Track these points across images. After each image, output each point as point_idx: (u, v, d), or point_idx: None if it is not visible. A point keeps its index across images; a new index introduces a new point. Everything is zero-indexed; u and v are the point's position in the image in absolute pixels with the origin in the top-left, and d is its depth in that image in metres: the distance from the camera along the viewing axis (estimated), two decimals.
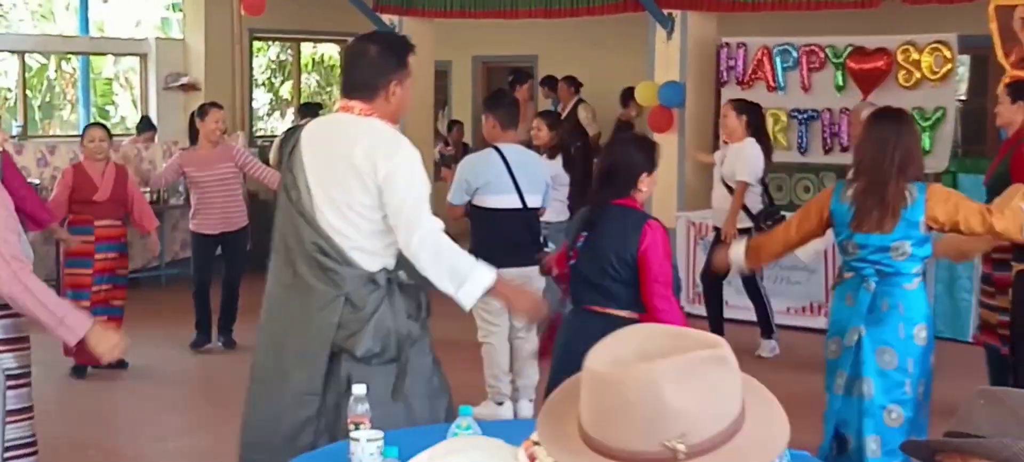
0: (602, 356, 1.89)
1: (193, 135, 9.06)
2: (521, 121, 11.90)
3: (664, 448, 1.84)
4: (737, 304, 9.39)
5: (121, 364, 8.11)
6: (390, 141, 3.89)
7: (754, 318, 8.95)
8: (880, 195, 4.81)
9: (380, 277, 3.91)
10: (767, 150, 8.52)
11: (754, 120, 8.53)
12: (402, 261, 3.96)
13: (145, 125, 13.76)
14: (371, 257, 3.90)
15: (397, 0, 13.14)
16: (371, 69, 3.95)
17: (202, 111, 8.97)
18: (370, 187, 3.84)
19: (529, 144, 8.76)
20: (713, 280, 8.72)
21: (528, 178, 6.62)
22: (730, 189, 8.44)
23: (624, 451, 1.85)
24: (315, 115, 10.42)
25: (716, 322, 8.75)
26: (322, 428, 3.88)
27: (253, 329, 4.17)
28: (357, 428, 3.14)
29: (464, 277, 3.85)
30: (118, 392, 7.93)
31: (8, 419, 3.96)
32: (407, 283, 4.00)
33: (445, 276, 3.84)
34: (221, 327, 8.97)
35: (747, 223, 8.34)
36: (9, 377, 3.97)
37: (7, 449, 3.97)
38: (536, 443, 2.15)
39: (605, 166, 4.70)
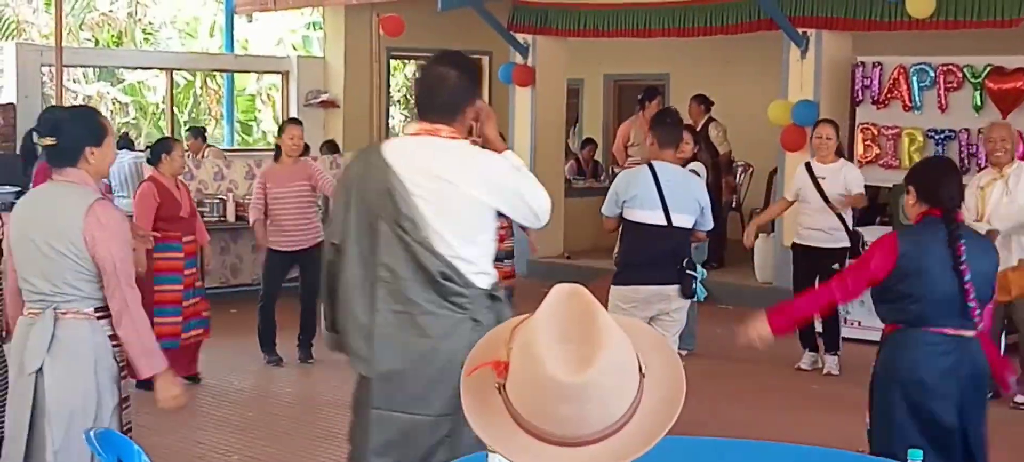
0: (554, 359, 1.89)
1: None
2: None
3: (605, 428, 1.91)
4: (857, 321, 9.28)
5: (194, 379, 8.26)
6: (493, 161, 4.04)
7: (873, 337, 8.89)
8: None
9: (496, 292, 4.03)
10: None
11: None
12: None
13: (195, 134, 14.16)
14: (486, 276, 4.01)
15: (531, 19, 13.30)
16: (455, 93, 4.02)
17: (281, 128, 9.10)
18: (489, 211, 3.98)
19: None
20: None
21: (677, 197, 6.63)
22: (831, 205, 8.58)
23: (567, 437, 1.91)
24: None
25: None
26: (455, 444, 3.94)
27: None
28: None
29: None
30: (212, 402, 8.14)
31: None
32: (505, 295, 4.15)
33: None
34: (300, 342, 9.02)
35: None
36: None
37: None
38: None
39: (954, 183, 4.82)
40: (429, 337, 3.92)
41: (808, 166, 8.78)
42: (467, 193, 3.91)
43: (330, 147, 13.52)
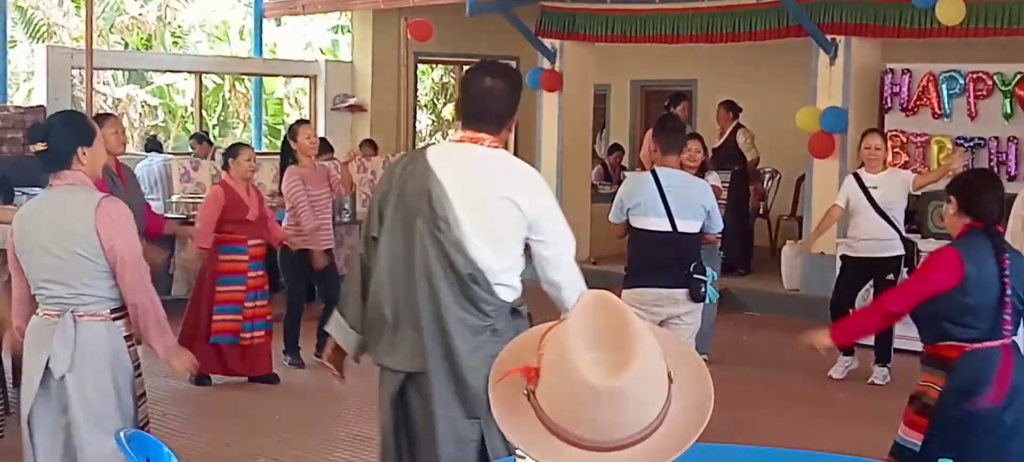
0: (589, 365, 1.90)
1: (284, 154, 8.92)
2: None
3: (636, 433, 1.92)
4: (901, 333, 9.22)
5: (271, 379, 8.47)
6: (537, 179, 4.14)
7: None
8: None
9: (519, 308, 4.06)
10: None
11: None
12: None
13: (199, 139, 14.21)
14: (509, 290, 4.04)
15: (558, 24, 13.31)
16: (504, 104, 4.09)
17: (293, 130, 8.94)
18: (521, 223, 4.00)
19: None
20: (841, 308, 8.79)
21: (681, 203, 6.68)
22: (885, 214, 8.50)
23: (599, 442, 1.91)
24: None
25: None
26: (478, 451, 4.02)
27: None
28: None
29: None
30: (244, 402, 8.22)
31: None
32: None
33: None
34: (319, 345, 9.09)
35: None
36: None
37: None
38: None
39: (997, 197, 4.81)
40: (451, 338, 3.99)
41: (857, 176, 8.75)
42: (502, 200, 3.98)
43: (371, 146, 13.68)
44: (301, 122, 9.47)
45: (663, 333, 2.11)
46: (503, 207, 3.98)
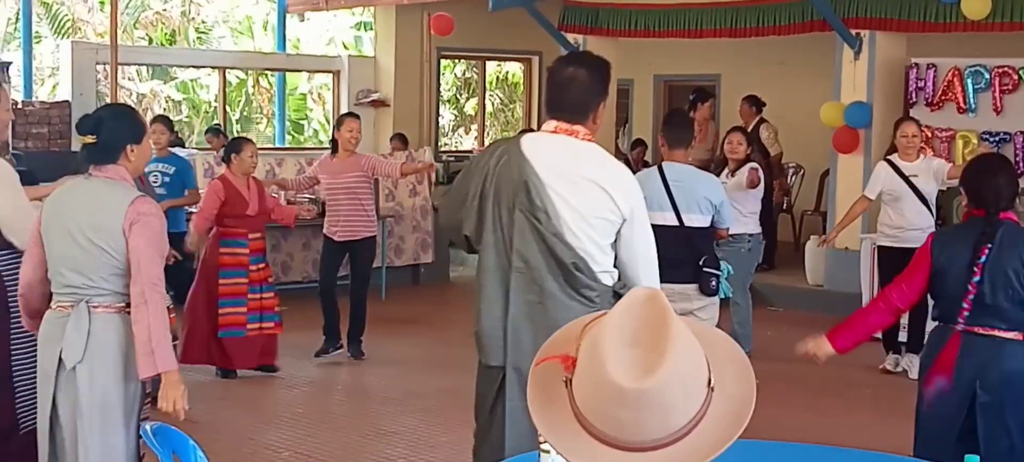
0: (617, 363, 1.88)
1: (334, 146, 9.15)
2: (701, 140, 11.93)
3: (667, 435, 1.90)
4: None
5: (271, 368, 8.55)
6: (631, 177, 4.21)
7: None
8: None
9: (621, 291, 4.07)
10: None
11: None
12: None
13: (215, 132, 14.22)
14: (609, 275, 4.11)
15: (581, 19, 13.29)
16: (586, 92, 4.13)
17: (339, 121, 9.24)
18: (617, 218, 4.07)
19: (713, 161, 8.93)
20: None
21: (686, 197, 6.70)
22: (926, 202, 8.50)
23: (631, 442, 1.89)
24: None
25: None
26: None
27: (381, 342, 4.21)
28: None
29: None
30: (265, 395, 8.25)
31: None
32: None
33: None
34: (350, 338, 9.08)
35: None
36: None
37: None
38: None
39: (1001, 182, 4.74)
40: (560, 327, 3.97)
41: (893, 165, 8.65)
42: (598, 190, 4.04)
43: (401, 140, 13.72)
44: (350, 115, 9.61)
45: (713, 334, 2.05)
46: (598, 197, 4.04)
